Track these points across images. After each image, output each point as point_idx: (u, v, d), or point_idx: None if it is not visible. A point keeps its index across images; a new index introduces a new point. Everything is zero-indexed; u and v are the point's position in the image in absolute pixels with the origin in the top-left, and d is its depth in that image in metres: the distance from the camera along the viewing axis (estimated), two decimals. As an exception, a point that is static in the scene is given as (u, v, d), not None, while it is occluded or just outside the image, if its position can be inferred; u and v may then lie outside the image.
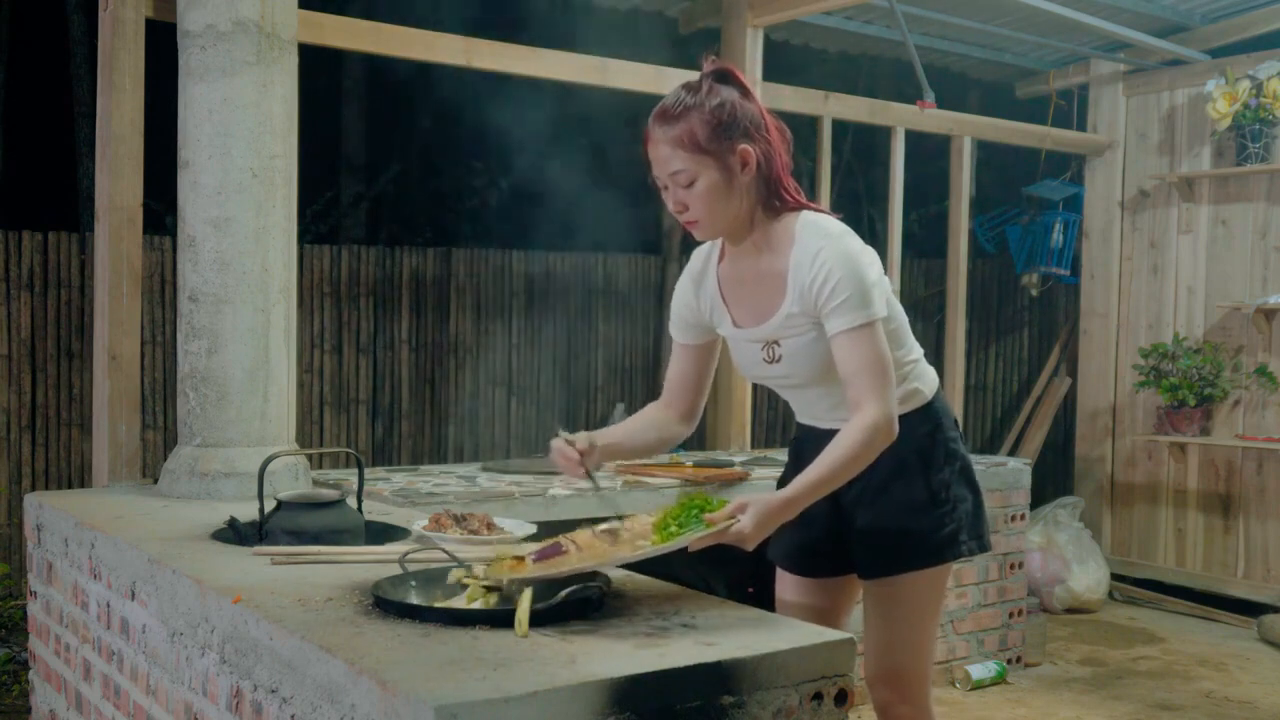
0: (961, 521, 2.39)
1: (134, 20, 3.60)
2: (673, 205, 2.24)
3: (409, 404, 6.23)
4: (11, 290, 5.30)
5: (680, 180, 2.19)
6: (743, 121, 2.21)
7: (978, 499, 2.45)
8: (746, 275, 2.33)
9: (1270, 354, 5.65)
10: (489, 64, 4.32)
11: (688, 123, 2.17)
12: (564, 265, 6.67)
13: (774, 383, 2.42)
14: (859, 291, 2.17)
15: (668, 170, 2.20)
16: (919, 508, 2.36)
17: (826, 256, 2.19)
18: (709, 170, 2.18)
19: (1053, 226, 6.39)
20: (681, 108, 2.19)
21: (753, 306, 2.33)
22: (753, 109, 2.24)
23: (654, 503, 3.64)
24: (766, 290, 2.29)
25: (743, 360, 2.41)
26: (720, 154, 2.18)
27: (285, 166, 3.29)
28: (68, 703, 2.96)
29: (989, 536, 2.47)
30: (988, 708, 4.27)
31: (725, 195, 2.20)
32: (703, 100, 2.19)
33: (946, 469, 2.40)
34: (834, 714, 1.79)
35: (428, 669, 1.62)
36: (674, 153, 2.18)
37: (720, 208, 2.21)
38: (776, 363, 2.33)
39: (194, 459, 3.23)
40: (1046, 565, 5.66)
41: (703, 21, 5.61)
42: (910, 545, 2.35)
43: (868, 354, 2.17)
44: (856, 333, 2.17)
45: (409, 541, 2.54)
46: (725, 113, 2.19)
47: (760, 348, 2.34)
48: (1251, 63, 5.67)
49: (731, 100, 2.21)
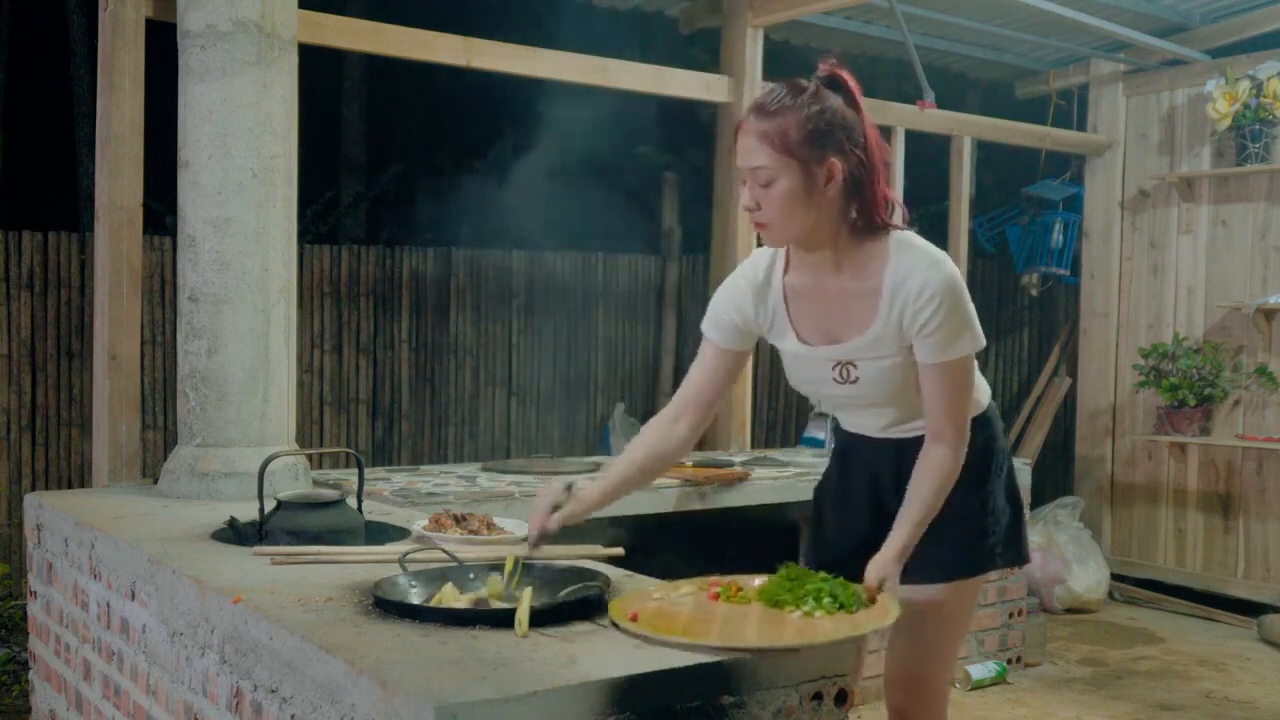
0: (1000, 534, 2.39)
1: (134, 20, 3.60)
2: (745, 202, 2.16)
3: (409, 404, 6.23)
4: (11, 290, 5.30)
5: (759, 177, 2.11)
6: (839, 133, 2.12)
7: (1016, 511, 2.44)
8: (822, 292, 2.24)
9: (1270, 354, 5.65)
10: (489, 64, 4.32)
11: (782, 121, 2.09)
12: (564, 265, 6.67)
13: (838, 400, 2.36)
14: (963, 324, 2.16)
15: (750, 163, 2.12)
16: (969, 519, 2.34)
17: (933, 284, 2.14)
18: (790, 174, 2.10)
19: (1053, 226, 6.39)
20: (779, 105, 2.11)
21: (825, 324, 2.25)
22: (854, 122, 2.15)
23: (654, 503, 3.64)
24: (850, 310, 2.21)
25: (806, 376, 2.33)
26: (806, 161, 2.10)
27: (285, 166, 3.29)
28: (68, 703, 2.96)
29: (1027, 549, 2.47)
30: (988, 708, 4.27)
31: (802, 204, 2.11)
32: (804, 103, 2.11)
33: (995, 480, 2.39)
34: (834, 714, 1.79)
35: (428, 669, 1.62)
36: (760, 147, 2.10)
37: (793, 215, 2.12)
38: (851, 384, 2.26)
39: (194, 459, 3.23)
40: (1046, 565, 5.66)
41: (703, 21, 5.61)
42: (955, 556, 2.33)
43: (961, 386, 2.20)
44: (955, 364, 2.18)
45: (409, 541, 2.54)
46: (823, 120, 2.11)
47: (832, 367, 2.26)
48: (1251, 63, 5.67)
49: (833, 109, 2.13)
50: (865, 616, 1.83)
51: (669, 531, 3.68)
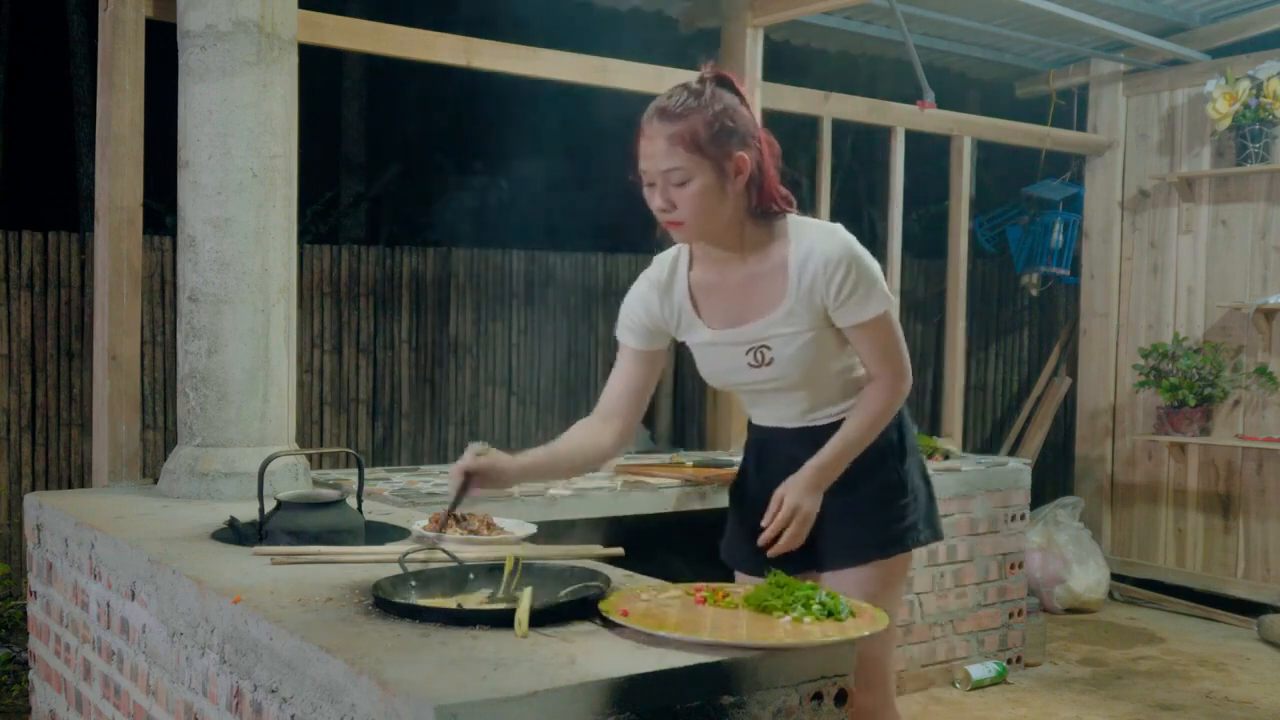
0: (919, 512, 2.46)
1: (134, 20, 3.59)
2: (658, 203, 2.23)
3: (409, 404, 6.23)
4: (11, 290, 5.30)
5: (673, 178, 2.20)
6: (741, 129, 2.23)
7: (929, 489, 2.52)
8: (728, 281, 2.33)
9: (1270, 354, 5.65)
10: (489, 64, 4.32)
11: (689, 122, 2.18)
12: (564, 265, 6.67)
13: (755, 388, 2.40)
14: (872, 281, 2.26)
15: (660, 166, 2.20)
16: (890, 497, 2.41)
17: (836, 251, 2.24)
18: (705, 172, 2.19)
19: (1053, 226, 6.39)
20: (684, 107, 2.20)
21: (735, 311, 2.33)
22: (749, 118, 2.26)
23: (654, 503, 3.64)
24: (758, 292, 2.30)
25: (719, 367, 2.40)
26: (718, 158, 2.20)
27: (285, 166, 3.29)
28: (68, 703, 2.96)
29: (940, 525, 2.54)
30: (988, 708, 4.27)
31: (717, 199, 2.21)
32: (707, 103, 2.21)
33: (909, 459, 2.46)
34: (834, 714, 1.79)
35: (428, 669, 1.62)
36: (671, 150, 2.18)
37: (709, 211, 2.22)
38: (766, 366, 2.33)
39: (194, 459, 3.23)
40: (1046, 565, 5.66)
41: (703, 21, 5.61)
42: (879, 534, 2.39)
43: (891, 338, 2.32)
44: (878, 321, 2.28)
45: (409, 541, 2.54)
46: (728, 118, 2.21)
47: (745, 352, 2.33)
48: (1251, 63, 5.67)
49: (732, 107, 2.23)
50: (855, 623, 1.84)
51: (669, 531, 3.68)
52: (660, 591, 2.02)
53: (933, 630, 4.38)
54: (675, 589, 2.04)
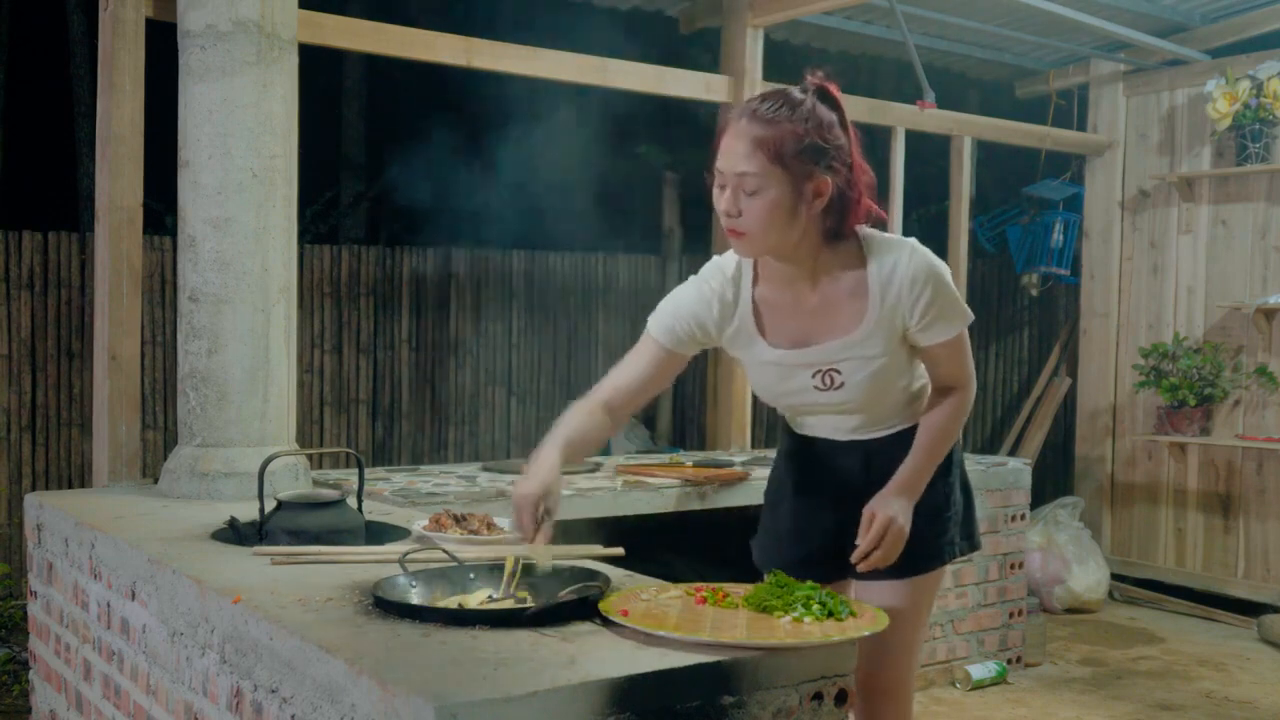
0: (958, 525, 2.42)
1: (134, 20, 3.60)
2: (724, 206, 2.08)
3: (409, 404, 6.23)
4: (11, 290, 5.30)
5: (746, 184, 2.05)
6: (831, 150, 2.09)
7: (968, 499, 2.48)
8: (800, 300, 2.21)
9: (1270, 354, 5.65)
10: (489, 64, 4.32)
11: (778, 130, 2.04)
12: (564, 265, 6.67)
13: (816, 409, 2.33)
14: (955, 299, 2.20)
15: (737, 168, 2.06)
16: (933, 513, 2.35)
17: (921, 270, 2.14)
18: (779, 186, 2.05)
19: (1053, 226, 6.39)
20: (777, 114, 2.06)
21: (803, 331, 2.22)
22: (845, 141, 2.12)
23: (654, 503, 3.64)
24: (833, 313, 2.19)
25: (782, 388, 2.29)
26: (797, 175, 2.05)
27: (285, 166, 3.29)
28: (68, 703, 2.96)
29: (979, 535, 2.50)
30: (988, 708, 4.27)
31: (786, 218, 2.07)
32: (802, 115, 2.07)
33: (955, 472, 2.42)
34: (834, 714, 1.79)
35: (428, 669, 1.62)
36: (752, 154, 2.04)
37: (774, 228, 2.07)
38: (835, 390, 2.24)
39: (194, 459, 3.23)
40: (1046, 565, 5.66)
41: (703, 21, 5.61)
42: (918, 549, 2.32)
43: (965, 352, 2.29)
44: (957, 339, 2.24)
45: (409, 541, 2.54)
46: (819, 136, 2.07)
47: (813, 375, 2.23)
48: (1251, 63, 5.67)
49: (828, 125, 2.09)
50: (855, 623, 1.84)
51: (669, 531, 3.69)
52: (660, 591, 2.02)
53: (933, 630, 4.38)
54: (675, 589, 2.03)
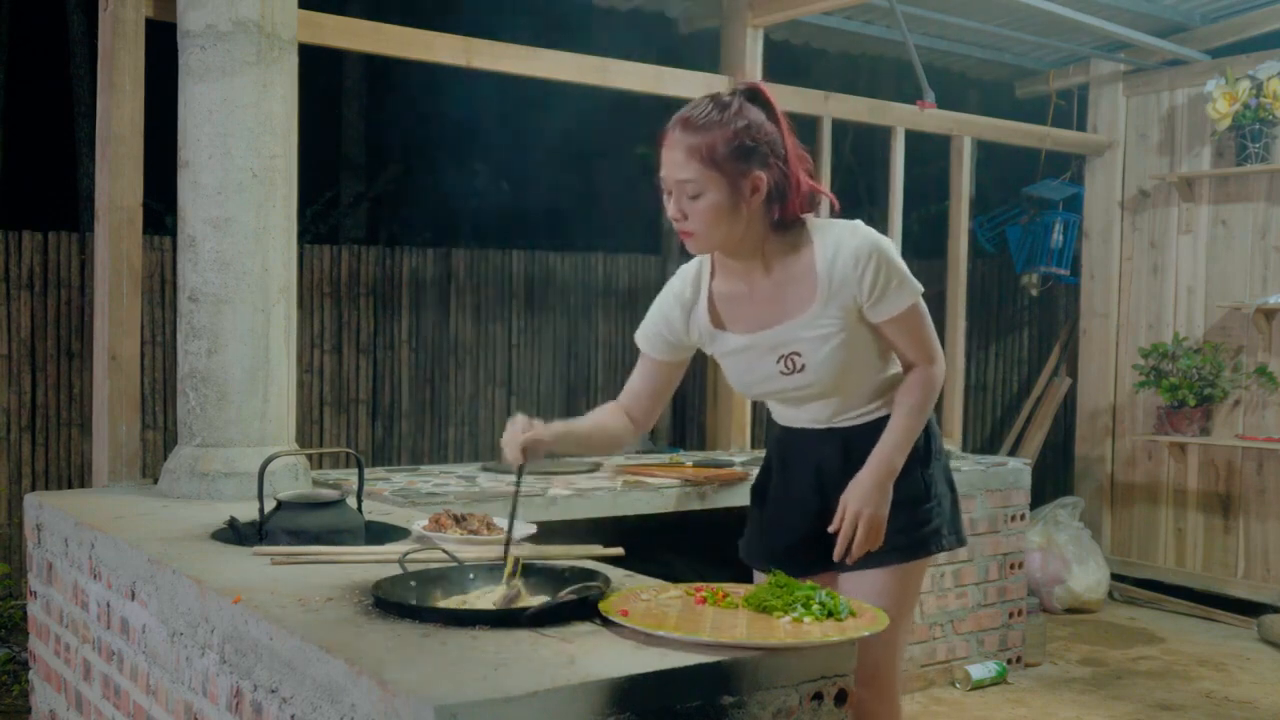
0: (944, 517, 2.44)
1: (134, 20, 3.60)
2: (672, 211, 2.22)
3: (409, 404, 6.23)
4: (11, 290, 5.30)
5: (687, 190, 2.19)
6: (763, 147, 2.21)
7: (954, 496, 2.51)
8: (754, 289, 2.31)
9: (1270, 354, 5.65)
10: (489, 64, 4.32)
11: (709, 136, 2.17)
12: (564, 265, 6.67)
13: (785, 395, 2.39)
14: (901, 273, 2.26)
15: (676, 176, 2.19)
16: (913, 501, 2.38)
17: (863, 248, 2.23)
18: (717, 188, 2.18)
19: (1053, 226, 6.39)
20: (706, 120, 2.18)
21: (762, 317, 2.31)
22: (776, 135, 2.24)
23: (654, 503, 3.64)
24: (787, 297, 2.28)
25: (751, 376, 2.38)
26: (733, 175, 2.18)
27: (285, 166, 3.29)
28: (68, 703, 2.96)
29: (964, 531, 2.53)
30: (988, 708, 4.27)
31: (728, 216, 2.20)
32: (730, 119, 2.19)
33: (934, 464, 2.44)
34: (834, 714, 1.79)
35: (428, 669, 1.62)
36: (688, 162, 2.17)
37: (719, 227, 2.20)
38: (798, 373, 2.31)
39: (194, 459, 3.23)
40: (1046, 565, 5.66)
41: (703, 21, 5.61)
42: (902, 537, 2.37)
43: (924, 325, 2.32)
44: (910, 311, 2.28)
45: (409, 541, 2.54)
46: (748, 136, 2.19)
47: (776, 360, 2.31)
48: (1251, 63, 5.67)
49: (757, 124, 2.21)
50: (855, 623, 1.84)
51: (669, 531, 3.69)
52: (660, 591, 2.02)
53: (933, 630, 4.38)
54: (675, 589, 2.04)
